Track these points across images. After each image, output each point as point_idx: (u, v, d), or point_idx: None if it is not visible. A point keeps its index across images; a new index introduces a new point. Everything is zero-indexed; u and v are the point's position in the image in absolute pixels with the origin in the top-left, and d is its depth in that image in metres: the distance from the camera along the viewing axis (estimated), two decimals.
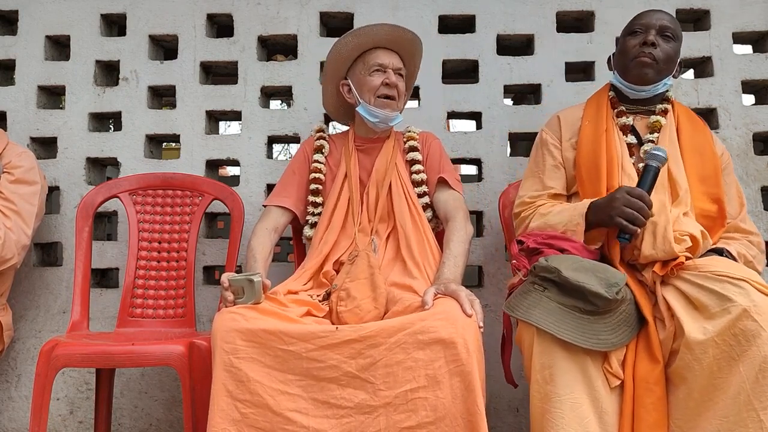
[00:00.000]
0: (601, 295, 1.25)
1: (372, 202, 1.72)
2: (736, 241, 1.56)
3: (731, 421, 1.15)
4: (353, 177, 1.75)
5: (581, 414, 1.23)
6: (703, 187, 1.56)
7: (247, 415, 1.24)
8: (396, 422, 1.22)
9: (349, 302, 1.46)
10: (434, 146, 1.84)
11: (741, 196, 1.66)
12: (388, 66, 1.72)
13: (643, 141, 1.62)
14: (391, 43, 1.75)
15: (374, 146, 1.81)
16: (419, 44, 1.79)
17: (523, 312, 1.30)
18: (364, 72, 1.73)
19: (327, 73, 1.81)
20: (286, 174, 1.84)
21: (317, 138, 1.85)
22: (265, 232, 1.69)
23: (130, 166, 2.19)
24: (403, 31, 1.74)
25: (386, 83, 1.71)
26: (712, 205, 1.55)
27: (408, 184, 1.75)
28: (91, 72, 2.24)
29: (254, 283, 1.35)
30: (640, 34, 1.60)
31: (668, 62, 1.60)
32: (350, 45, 1.73)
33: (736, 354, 1.16)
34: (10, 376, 2.10)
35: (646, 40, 1.57)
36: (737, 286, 1.22)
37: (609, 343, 1.27)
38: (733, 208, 1.62)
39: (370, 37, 1.72)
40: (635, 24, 1.64)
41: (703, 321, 1.22)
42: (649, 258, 1.41)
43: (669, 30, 1.59)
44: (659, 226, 1.41)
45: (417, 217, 1.69)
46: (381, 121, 1.74)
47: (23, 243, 1.83)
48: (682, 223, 1.46)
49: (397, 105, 1.75)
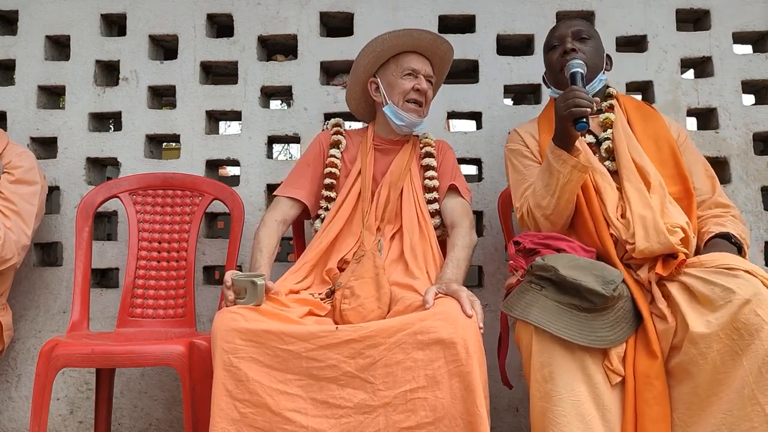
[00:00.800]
0: (598, 292, 1.26)
1: (382, 202, 1.72)
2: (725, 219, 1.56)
3: (735, 415, 1.15)
4: (367, 174, 1.75)
5: (583, 411, 1.23)
6: (665, 170, 1.58)
7: (247, 415, 1.24)
8: (395, 422, 1.22)
9: (353, 300, 1.46)
10: (448, 155, 1.87)
11: (708, 170, 1.67)
12: (421, 72, 1.75)
13: (599, 139, 1.65)
14: (427, 50, 1.77)
15: (393, 148, 1.82)
16: (452, 54, 1.82)
17: (521, 311, 1.31)
18: (396, 74, 1.75)
19: (357, 68, 1.80)
20: (299, 166, 1.83)
21: (334, 132, 1.85)
22: (275, 223, 1.69)
23: (130, 166, 2.19)
24: (441, 41, 1.77)
25: (417, 89, 1.73)
26: (676, 186, 1.56)
27: (419, 189, 1.76)
28: (91, 72, 2.24)
29: (257, 286, 1.35)
30: (558, 47, 1.66)
31: (595, 60, 1.65)
32: (387, 44, 1.74)
33: (739, 348, 1.17)
34: (10, 376, 2.10)
35: (565, 49, 1.62)
36: (740, 277, 1.22)
37: (607, 340, 1.27)
38: (703, 183, 1.63)
39: (409, 41, 1.74)
40: (551, 40, 1.70)
41: (707, 314, 1.23)
42: (646, 252, 1.41)
43: (583, 32, 1.66)
44: (648, 218, 1.43)
45: (424, 223, 1.70)
46: (406, 126, 1.76)
47: (23, 243, 1.83)
48: (670, 214, 1.47)
49: (423, 111, 1.77)
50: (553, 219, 1.53)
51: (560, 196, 1.48)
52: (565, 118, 1.42)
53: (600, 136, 1.66)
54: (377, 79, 1.79)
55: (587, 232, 1.51)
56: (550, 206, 1.50)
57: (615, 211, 1.51)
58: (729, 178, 2.11)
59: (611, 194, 1.53)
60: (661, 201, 1.49)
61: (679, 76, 2.17)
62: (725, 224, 1.53)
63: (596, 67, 1.66)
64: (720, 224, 1.54)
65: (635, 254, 1.43)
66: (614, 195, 1.53)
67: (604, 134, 1.65)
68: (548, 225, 1.54)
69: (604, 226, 1.49)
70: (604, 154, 1.63)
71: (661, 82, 2.16)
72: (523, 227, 1.64)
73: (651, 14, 2.19)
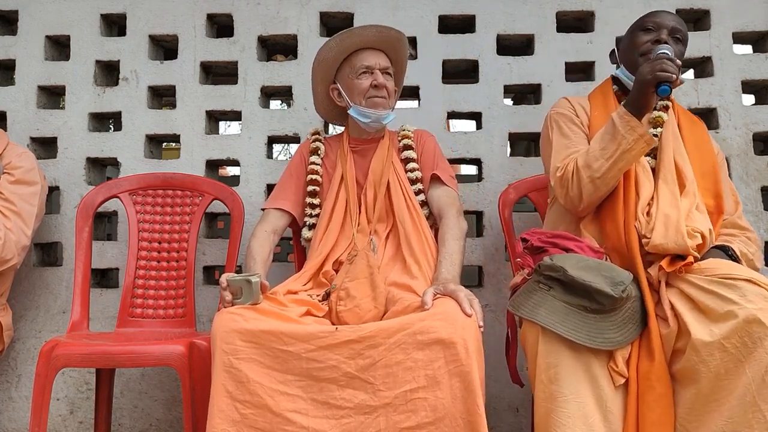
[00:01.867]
0: (607, 293, 1.25)
1: (370, 203, 1.72)
2: (736, 238, 1.56)
3: (737, 422, 1.15)
4: (349, 179, 1.75)
5: (586, 413, 1.23)
6: (704, 182, 1.56)
7: (247, 416, 1.24)
8: (395, 423, 1.22)
9: (349, 302, 1.46)
10: (428, 143, 1.83)
11: (735, 194, 1.68)
12: (375, 67, 1.71)
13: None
14: (377, 43, 1.74)
15: (369, 147, 1.80)
16: (404, 41, 1.77)
17: (529, 311, 1.30)
18: (351, 75, 1.73)
19: (315, 77, 1.80)
20: (283, 177, 1.84)
21: (313, 140, 1.85)
22: (265, 234, 1.69)
23: (130, 166, 2.19)
24: (387, 30, 1.72)
25: (375, 85, 1.70)
26: (711, 200, 1.55)
27: (405, 182, 1.74)
28: (91, 72, 2.24)
29: (252, 284, 1.35)
30: (653, 32, 1.60)
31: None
32: (334, 50, 1.72)
33: (742, 356, 1.16)
34: (10, 376, 2.10)
35: (659, 38, 1.57)
36: (742, 289, 1.22)
37: (615, 341, 1.27)
38: (729, 206, 1.63)
39: (354, 40, 1.72)
40: (647, 21, 1.63)
41: (709, 324, 1.22)
42: (659, 248, 1.39)
43: (679, 33, 1.60)
44: (671, 218, 1.41)
45: (415, 215, 1.69)
46: (373, 121, 1.73)
47: (23, 243, 1.83)
48: (694, 218, 1.46)
49: (388, 103, 1.74)
50: (598, 184, 1.45)
51: (615, 163, 1.43)
52: (649, 82, 1.39)
53: (648, 131, 1.61)
54: (337, 84, 1.78)
55: (615, 221, 1.47)
56: (601, 170, 1.44)
57: (644, 207, 1.49)
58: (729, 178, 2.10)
59: (647, 189, 1.51)
60: (689, 206, 1.48)
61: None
62: (733, 242, 1.52)
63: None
64: (728, 241, 1.53)
65: (648, 248, 1.41)
66: (649, 191, 1.51)
67: (653, 131, 1.61)
68: (591, 189, 1.46)
69: (633, 219, 1.46)
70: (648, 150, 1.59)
71: None
72: (559, 188, 1.54)
73: None
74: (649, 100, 1.42)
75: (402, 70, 1.86)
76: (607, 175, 1.44)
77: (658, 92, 1.39)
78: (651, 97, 1.41)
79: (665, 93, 1.38)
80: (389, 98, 1.74)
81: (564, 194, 1.53)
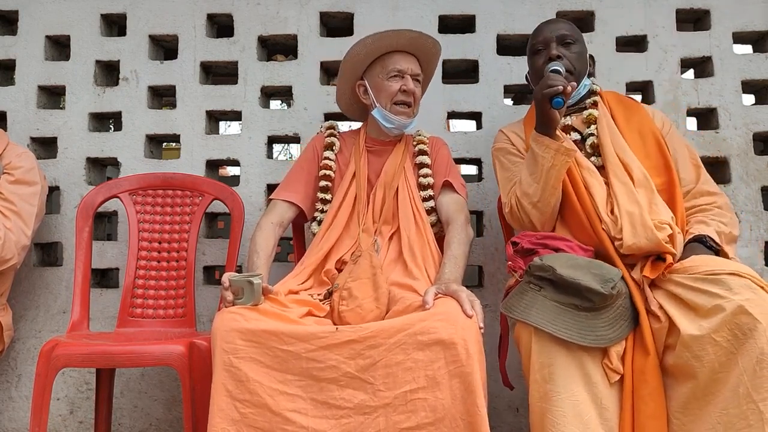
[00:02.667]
0: (597, 290, 1.26)
1: (378, 203, 1.72)
2: (707, 213, 1.56)
3: (731, 414, 1.16)
4: (362, 177, 1.75)
5: (581, 411, 1.23)
6: (649, 162, 1.59)
7: (247, 415, 1.24)
8: (395, 423, 1.22)
9: (351, 302, 1.46)
10: (443, 152, 1.86)
11: (694, 158, 1.67)
12: (407, 72, 1.72)
13: (584, 136, 1.66)
14: (412, 48, 1.75)
15: (385, 149, 1.81)
16: (439, 49, 1.80)
17: (521, 312, 1.31)
18: (382, 76, 1.73)
19: (343, 72, 1.80)
20: (294, 169, 1.83)
21: (327, 135, 1.85)
22: (271, 226, 1.69)
23: (130, 166, 2.19)
24: (425, 38, 1.74)
25: (404, 90, 1.71)
26: (660, 178, 1.57)
27: (414, 188, 1.75)
28: (91, 72, 2.24)
29: (254, 285, 1.35)
30: (542, 51, 1.66)
31: (579, 65, 1.66)
32: (369, 47, 1.72)
33: (734, 348, 1.17)
34: (11, 376, 2.10)
35: (550, 55, 1.62)
36: (728, 283, 1.22)
37: (607, 338, 1.27)
38: (689, 173, 1.63)
39: (391, 41, 1.72)
40: (535, 43, 1.70)
41: (698, 319, 1.23)
42: (633, 248, 1.41)
43: (568, 36, 1.66)
44: (635, 214, 1.44)
45: (420, 221, 1.70)
46: (396, 128, 1.75)
47: (23, 243, 1.83)
48: (657, 210, 1.48)
49: (412, 111, 1.76)
50: (540, 207, 1.53)
51: (546, 182, 1.49)
52: (542, 101, 1.44)
53: (584, 132, 1.66)
54: (364, 81, 1.78)
55: (582, 228, 1.52)
56: (537, 193, 1.51)
57: (605, 207, 1.51)
58: (729, 178, 2.11)
59: (599, 190, 1.54)
60: (648, 197, 1.50)
61: (679, 76, 2.17)
62: (708, 221, 1.52)
63: (581, 72, 1.66)
64: (703, 221, 1.53)
65: (623, 250, 1.43)
66: (603, 190, 1.54)
67: (588, 130, 1.65)
68: (537, 214, 1.54)
69: (598, 222, 1.49)
70: (590, 150, 1.63)
71: (661, 82, 2.16)
72: (513, 221, 1.64)
73: (651, 14, 2.19)
74: (551, 116, 1.46)
75: (429, 79, 1.89)
76: (544, 197, 1.51)
77: (553, 106, 1.44)
78: (551, 112, 1.45)
79: (559, 105, 1.44)
80: (414, 105, 1.76)
81: (519, 226, 1.63)
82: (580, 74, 1.66)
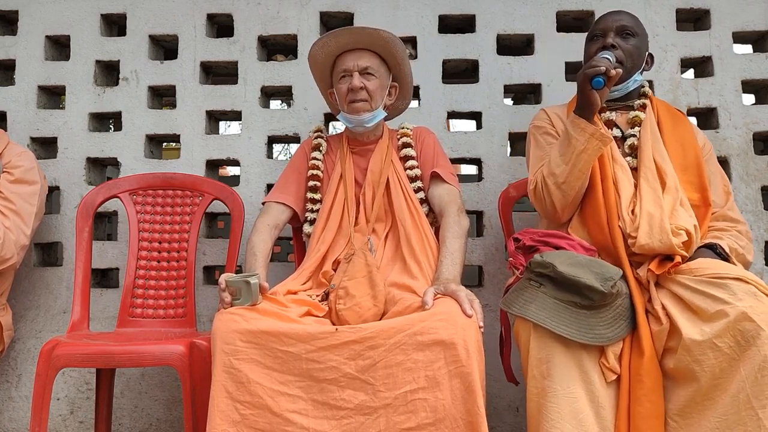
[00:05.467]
0: (597, 288, 1.26)
1: (369, 202, 1.72)
2: (725, 232, 1.56)
3: (730, 419, 1.16)
4: (348, 178, 1.75)
5: (577, 408, 1.24)
6: (686, 176, 1.58)
7: (247, 416, 1.24)
8: (396, 423, 1.22)
9: (348, 300, 1.46)
10: (428, 141, 1.82)
11: (726, 185, 1.67)
12: (352, 69, 1.69)
13: (625, 135, 1.64)
14: (359, 42, 1.70)
15: (367, 148, 1.80)
16: (394, 43, 1.71)
17: (520, 308, 1.31)
18: (336, 80, 1.75)
19: (317, 82, 1.84)
20: (286, 172, 1.84)
21: (315, 137, 1.86)
22: (267, 228, 1.69)
23: (130, 166, 2.19)
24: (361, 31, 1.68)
25: (350, 88, 1.68)
26: (695, 194, 1.56)
27: (405, 180, 1.74)
28: (91, 72, 2.24)
29: (251, 285, 1.35)
30: (599, 39, 1.64)
31: (633, 59, 1.63)
32: (320, 57, 1.74)
33: (736, 354, 1.17)
34: (11, 376, 2.10)
35: (605, 44, 1.60)
36: (732, 288, 1.22)
37: (605, 337, 1.27)
38: (719, 197, 1.63)
39: (330, 48, 1.71)
40: (594, 30, 1.67)
41: (700, 324, 1.23)
42: (645, 248, 1.41)
43: (628, 28, 1.63)
44: (655, 216, 1.43)
45: (415, 213, 1.68)
46: (356, 126, 1.74)
47: (22, 243, 1.83)
48: (678, 216, 1.47)
49: (369, 105, 1.70)
50: (564, 189, 1.50)
51: (575, 165, 1.47)
52: (583, 81, 1.43)
53: (626, 132, 1.64)
54: (333, 89, 1.80)
55: (598, 221, 1.50)
56: (563, 174, 1.49)
57: (627, 206, 1.50)
58: (729, 177, 2.10)
59: (627, 188, 1.53)
60: (673, 203, 1.49)
61: (679, 75, 2.17)
62: (723, 237, 1.53)
63: (634, 66, 1.63)
64: (718, 237, 1.53)
65: (635, 248, 1.43)
66: (630, 190, 1.53)
67: (631, 131, 1.63)
68: (560, 195, 1.51)
69: (616, 218, 1.48)
70: (627, 150, 1.61)
71: (661, 81, 2.16)
72: (535, 202, 1.60)
73: (651, 14, 2.19)
74: (590, 98, 1.44)
75: (398, 66, 1.78)
76: (570, 179, 1.49)
77: (593, 86, 1.43)
78: (590, 94, 1.44)
79: (599, 85, 1.42)
80: (371, 99, 1.70)
81: (540, 207, 1.60)
82: (632, 68, 1.62)
